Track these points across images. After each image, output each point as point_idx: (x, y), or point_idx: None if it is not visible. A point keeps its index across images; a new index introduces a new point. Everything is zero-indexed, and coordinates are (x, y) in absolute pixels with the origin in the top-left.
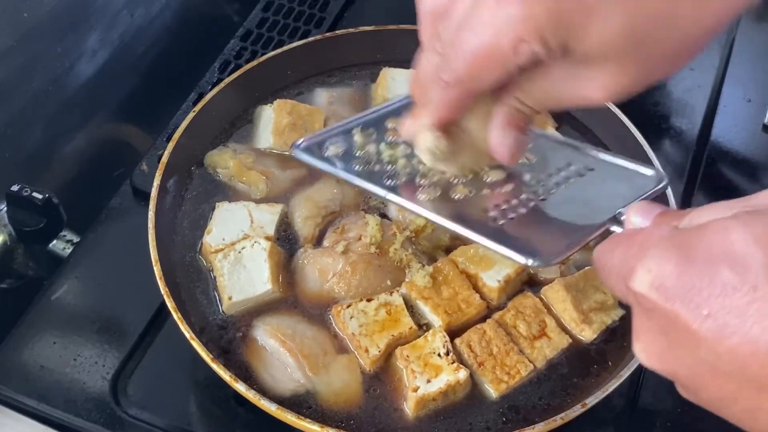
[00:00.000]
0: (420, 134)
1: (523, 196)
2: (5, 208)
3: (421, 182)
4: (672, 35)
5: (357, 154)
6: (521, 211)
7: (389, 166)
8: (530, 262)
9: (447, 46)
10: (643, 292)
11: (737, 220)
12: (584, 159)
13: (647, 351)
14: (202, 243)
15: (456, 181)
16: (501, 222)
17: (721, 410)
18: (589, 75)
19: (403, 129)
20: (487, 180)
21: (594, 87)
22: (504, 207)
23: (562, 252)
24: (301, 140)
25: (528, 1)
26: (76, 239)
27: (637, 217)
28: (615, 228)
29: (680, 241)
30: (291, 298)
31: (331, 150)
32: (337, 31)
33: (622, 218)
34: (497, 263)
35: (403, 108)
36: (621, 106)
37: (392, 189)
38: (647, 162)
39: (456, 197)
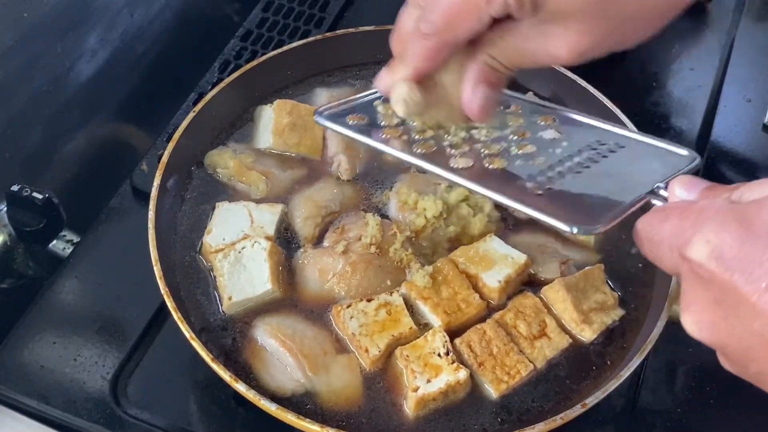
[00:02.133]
0: (395, 86)
1: (558, 169)
2: (5, 208)
3: (453, 152)
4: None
5: (382, 124)
6: (557, 184)
7: (416, 135)
8: (574, 230)
9: (427, 0)
10: (701, 261)
11: None
12: (614, 137)
13: (699, 322)
14: (202, 243)
15: (488, 152)
16: (539, 192)
17: None
18: (556, 32)
19: (378, 81)
20: (519, 152)
21: (559, 44)
22: (540, 178)
23: (605, 220)
24: (323, 107)
25: None
26: (76, 239)
27: (682, 190)
28: (656, 201)
29: (739, 214)
30: (291, 298)
31: (355, 118)
32: (337, 31)
33: (661, 192)
34: (497, 263)
35: None
36: (621, 106)
37: (424, 157)
38: (670, 141)
39: (490, 167)
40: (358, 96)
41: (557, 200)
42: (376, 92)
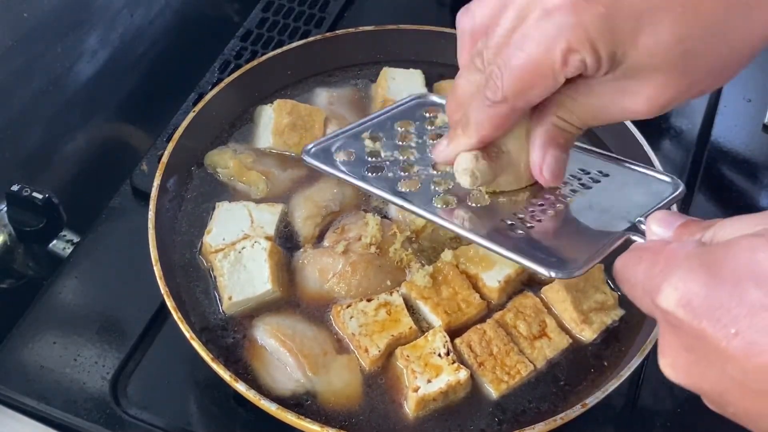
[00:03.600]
0: (459, 157)
1: (541, 204)
2: (5, 208)
3: (436, 189)
4: (721, 47)
5: (369, 159)
6: (540, 220)
7: (402, 173)
8: (552, 274)
9: (491, 64)
10: (670, 310)
11: (764, 238)
12: (598, 164)
13: (673, 366)
14: (202, 243)
15: (473, 191)
16: (520, 232)
17: (749, 425)
18: (634, 88)
19: (438, 152)
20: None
21: (639, 100)
22: (522, 216)
23: (584, 264)
24: (311, 145)
25: (578, 9)
26: (76, 239)
27: (658, 227)
28: (636, 237)
29: (707, 259)
30: (291, 298)
31: (342, 155)
32: (337, 31)
33: (642, 227)
34: (497, 263)
35: (410, 109)
36: None
37: (406, 196)
38: (655, 168)
39: (473, 205)
40: (346, 128)
41: (537, 241)
42: (365, 122)
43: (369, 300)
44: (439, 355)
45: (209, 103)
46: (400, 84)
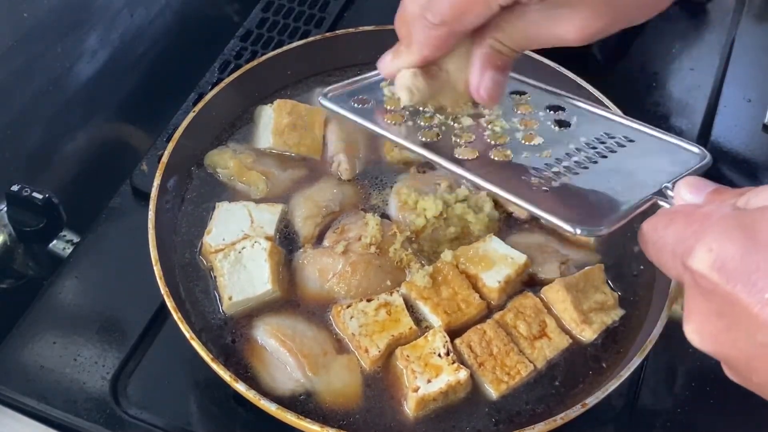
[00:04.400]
0: (400, 73)
1: (565, 164)
2: (5, 208)
3: (458, 141)
4: None
5: (388, 108)
6: (563, 179)
7: (422, 122)
8: (578, 231)
9: None
10: (703, 272)
11: None
12: (624, 130)
13: (701, 332)
14: (202, 243)
15: (494, 143)
16: (544, 189)
17: None
18: (563, 15)
19: (382, 65)
20: (527, 143)
21: (567, 28)
22: (545, 173)
23: (610, 222)
24: (328, 89)
25: None
26: (76, 239)
27: (688, 192)
28: (662, 202)
29: (744, 222)
30: (291, 298)
31: (360, 102)
32: (337, 31)
33: (669, 192)
34: (497, 263)
35: None
36: (621, 106)
37: (428, 146)
38: (681, 138)
39: (495, 159)
40: (363, 77)
41: (562, 198)
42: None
43: (369, 300)
44: (439, 355)
45: (209, 103)
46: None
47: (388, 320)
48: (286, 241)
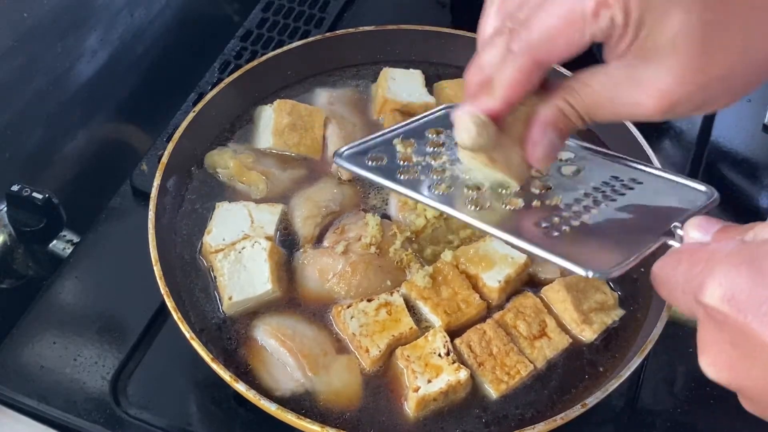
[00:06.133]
0: (466, 112)
1: (575, 208)
2: (5, 208)
3: (470, 193)
4: (745, 45)
5: (401, 164)
6: (573, 224)
7: (435, 176)
8: (590, 274)
9: (521, 23)
10: (715, 305)
11: None
12: (630, 172)
13: (716, 364)
14: (202, 243)
15: (504, 192)
16: (555, 234)
17: None
18: (646, 76)
19: (458, 111)
20: (536, 192)
21: (649, 91)
22: (555, 219)
23: (622, 265)
24: (343, 149)
25: None
26: (76, 239)
27: (696, 232)
28: (672, 243)
29: (750, 256)
30: (291, 298)
31: (374, 159)
32: (337, 31)
33: (678, 232)
34: (497, 263)
35: (442, 118)
36: None
37: (442, 199)
38: (688, 177)
39: (505, 208)
40: (376, 135)
41: (573, 243)
42: (397, 128)
43: (369, 300)
44: (439, 355)
45: (209, 103)
46: (400, 84)
47: (389, 320)
48: (286, 241)
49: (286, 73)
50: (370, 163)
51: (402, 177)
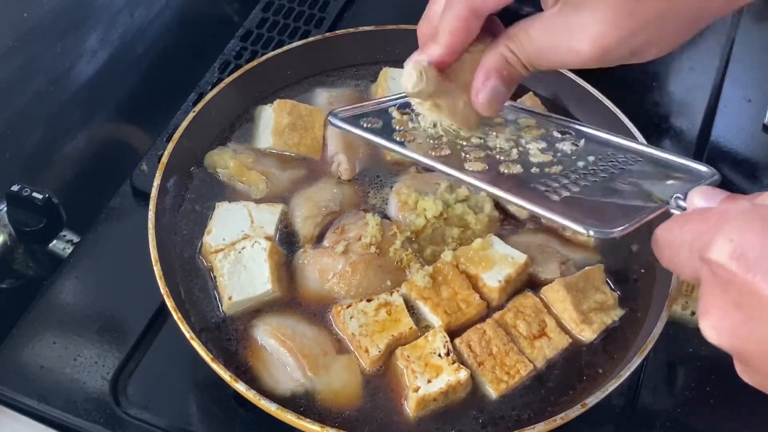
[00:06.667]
0: (411, 59)
1: (575, 177)
2: (5, 208)
3: (467, 156)
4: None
5: (397, 128)
6: (574, 190)
7: (432, 141)
8: (590, 232)
9: None
10: (722, 262)
11: None
12: (632, 151)
13: (718, 326)
14: (202, 243)
15: (503, 158)
16: (555, 198)
17: None
18: (580, 23)
19: (407, 63)
20: (535, 160)
21: (582, 38)
22: (555, 185)
23: (623, 226)
24: (338, 110)
25: None
26: (76, 239)
27: (701, 200)
28: (674, 211)
29: (763, 214)
30: (291, 298)
31: (369, 123)
32: (337, 31)
33: (681, 203)
34: (497, 263)
35: None
36: (621, 106)
37: (439, 160)
38: (690, 158)
39: (504, 172)
40: (372, 102)
41: (573, 206)
42: (391, 99)
43: (369, 300)
44: (439, 355)
45: (209, 103)
46: (400, 84)
47: (388, 320)
48: (286, 241)
49: (286, 73)
50: (365, 125)
51: (398, 140)
